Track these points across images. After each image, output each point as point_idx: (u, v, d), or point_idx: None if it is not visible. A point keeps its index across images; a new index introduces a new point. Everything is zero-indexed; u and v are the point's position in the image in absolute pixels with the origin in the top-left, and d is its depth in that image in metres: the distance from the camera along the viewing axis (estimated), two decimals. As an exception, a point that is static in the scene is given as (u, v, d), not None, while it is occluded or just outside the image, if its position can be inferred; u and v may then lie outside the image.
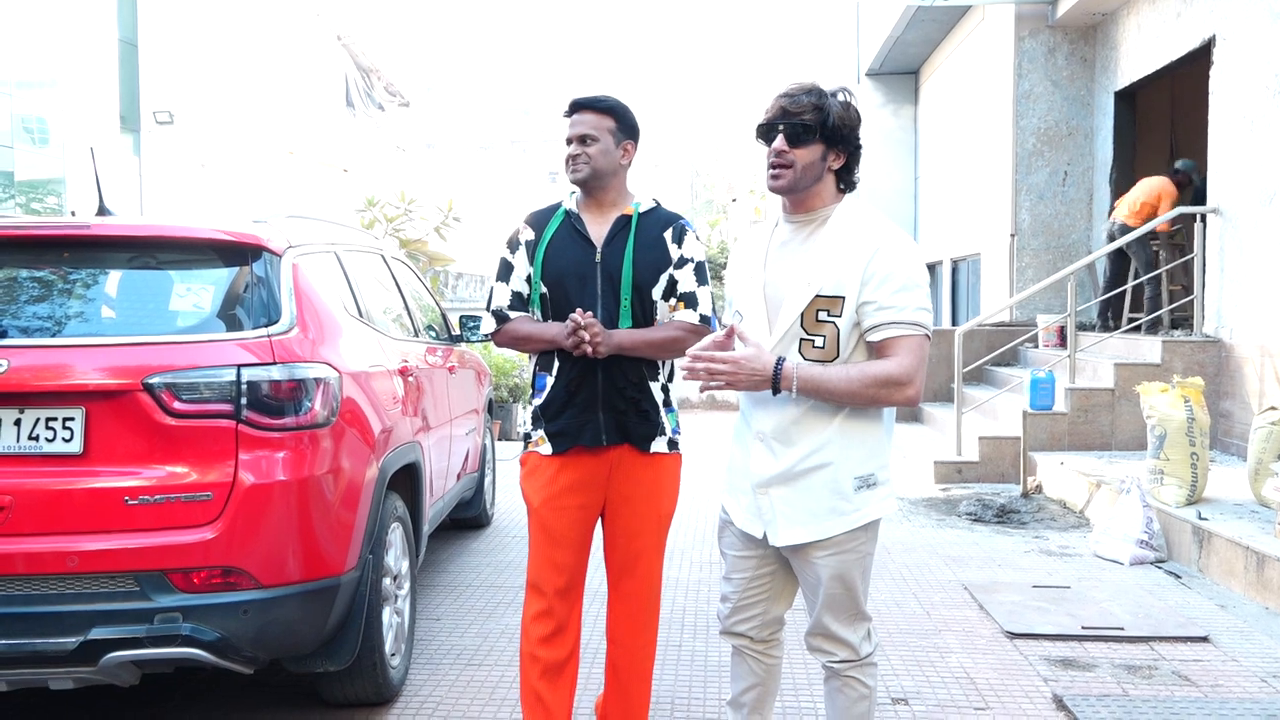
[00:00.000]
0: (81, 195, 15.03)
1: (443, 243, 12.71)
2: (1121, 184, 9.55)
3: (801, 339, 2.17)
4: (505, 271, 2.87)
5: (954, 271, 13.28)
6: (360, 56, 25.31)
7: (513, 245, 2.86)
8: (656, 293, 2.76)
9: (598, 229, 2.79)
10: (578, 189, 2.83)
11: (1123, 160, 9.65)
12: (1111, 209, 8.97)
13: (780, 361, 2.14)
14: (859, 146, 2.23)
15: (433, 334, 4.93)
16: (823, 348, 2.16)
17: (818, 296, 2.15)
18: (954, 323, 12.79)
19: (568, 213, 2.84)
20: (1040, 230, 10.21)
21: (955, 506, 6.56)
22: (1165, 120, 10.62)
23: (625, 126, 2.80)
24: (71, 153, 15.95)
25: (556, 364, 2.77)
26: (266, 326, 2.87)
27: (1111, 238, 8.44)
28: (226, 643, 2.66)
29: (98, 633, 2.57)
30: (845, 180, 2.26)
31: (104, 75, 16.69)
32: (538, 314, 2.83)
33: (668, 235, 2.79)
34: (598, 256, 2.76)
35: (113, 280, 3.02)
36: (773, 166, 2.20)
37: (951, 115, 13.04)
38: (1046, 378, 7.43)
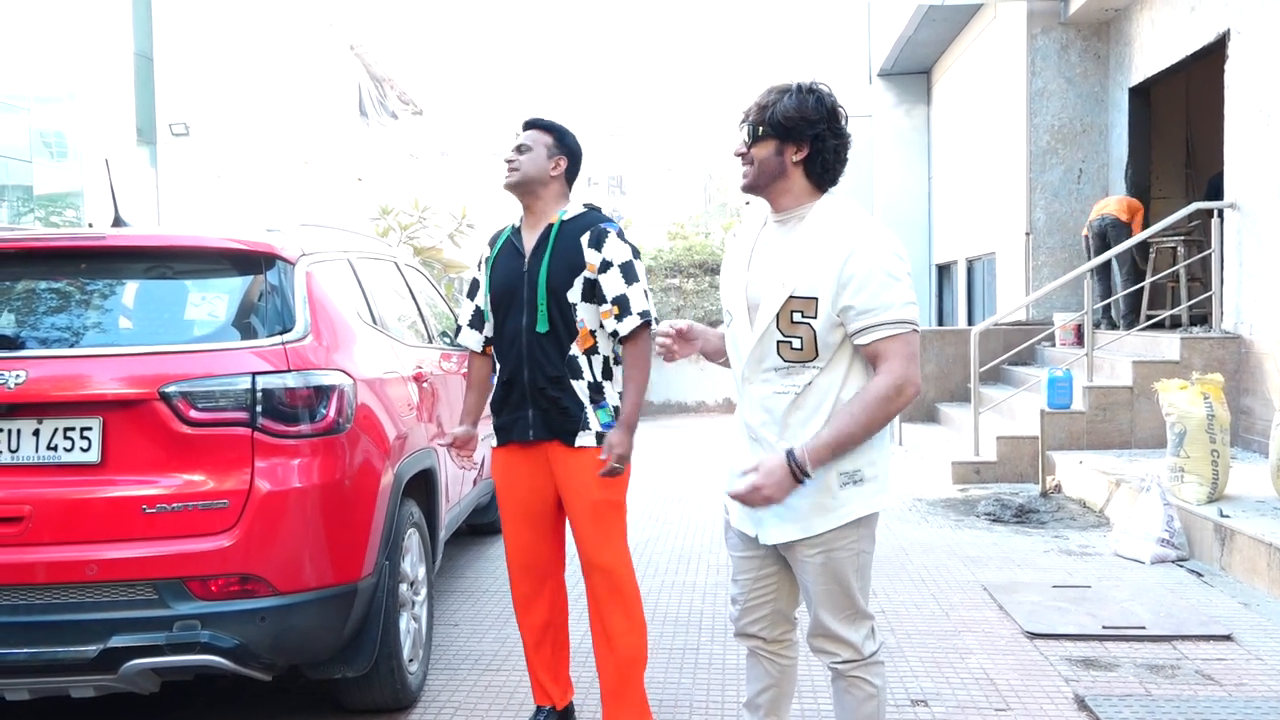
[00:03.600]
0: (99, 208, 15.17)
1: (457, 249, 12.75)
2: (1137, 180, 9.48)
3: (779, 340, 2.17)
4: (473, 289, 3.20)
5: (969, 271, 13.20)
6: (373, 66, 25.43)
7: (479, 264, 3.16)
8: (572, 296, 2.89)
9: (529, 239, 2.98)
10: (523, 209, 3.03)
11: (1138, 157, 9.58)
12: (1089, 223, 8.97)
13: (790, 454, 2.13)
14: (825, 138, 2.19)
15: (447, 340, 4.94)
16: (800, 349, 2.16)
17: (791, 298, 2.14)
18: (970, 322, 12.71)
19: (513, 229, 3.06)
20: (1055, 228, 10.14)
21: (974, 507, 6.52)
22: (1181, 116, 10.53)
23: (561, 144, 3.01)
24: (89, 166, 16.10)
25: (498, 364, 3.04)
26: (281, 334, 2.89)
27: (1103, 235, 8.42)
28: (245, 650, 2.67)
29: (118, 640, 2.59)
30: (818, 176, 2.23)
31: (120, 89, 16.83)
32: (490, 326, 3.07)
33: (584, 239, 2.91)
34: (524, 266, 2.94)
35: (129, 290, 3.05)
36: (741, 168, 2.28)
37: (964, 114, 12.98)
38: (1064, 376, 7.38)
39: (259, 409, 2.75)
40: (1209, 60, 8.15)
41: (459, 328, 3.20)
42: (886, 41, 14.04)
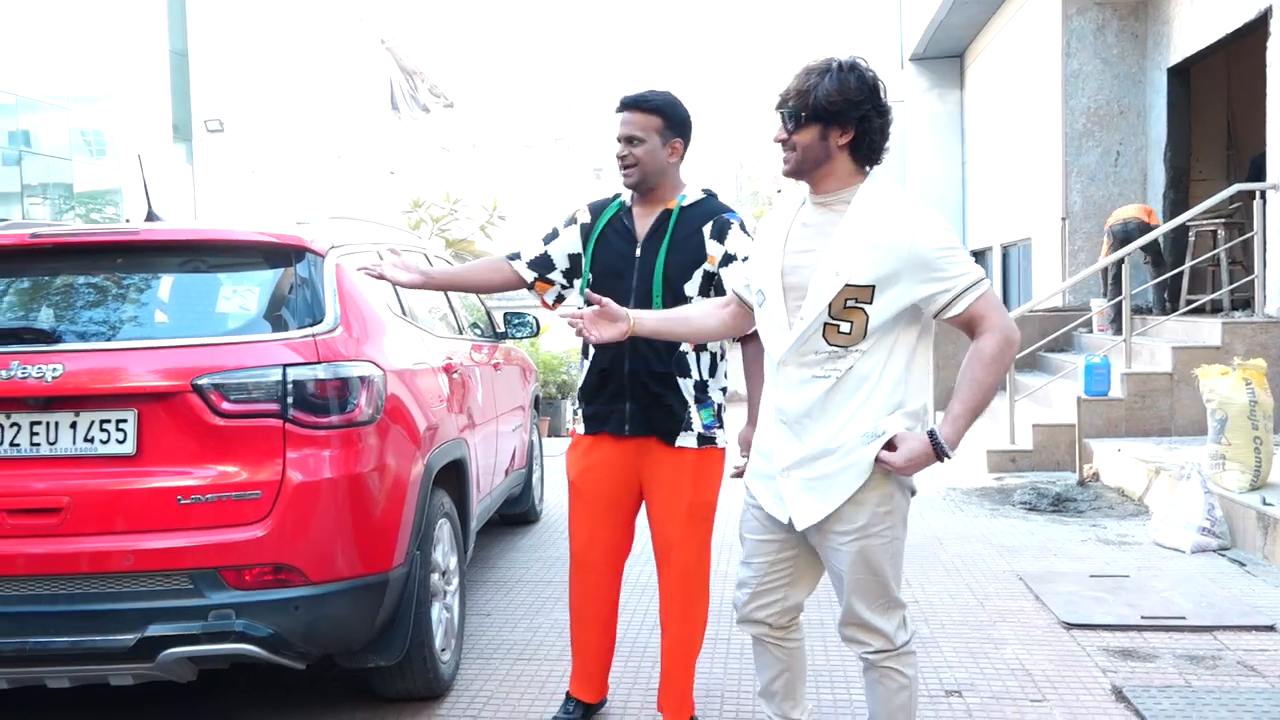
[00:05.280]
0: (137, 204, 15.36)
1: (488, 241, 12.79)
2: (1177, 163, 9.30)
3: (826, 324, 2.16)
4: (549, 236, 3.02)
5: (1004, 257, 13.04)
6: (404, 59, 25.55)
7: (567, 221, 3.00)
8: (690, 289, 2.78)
9: (642, 223, 2.84)
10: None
11: (1177, 138, 9.40)
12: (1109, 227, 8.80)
13: (932, 435, 2.15)
14: (870, 119, 2.16)
15: (477, 331, 4.96)
16: (849, 334, 2.15)
17: (848, 286, 2.12)
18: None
19: (621, 205, 2.92)
20: (1092, 212, 9.98)
21: (1009, 495, 6.45)
22: (1221, 96, 10.30)
23: (673, 124, 2.82)
24: (127, 163, 16.32)
25: (592, 350, 2.88)
26: (311, 326, 2.91)
27: (1127, 240, 8.21)
28: (279, 638, 2.70)
29: (155, 629, 2.63)
30: (864, 156, 2.20)
31: (157, 87, 17.05)
32: (583, 302, 2.88)
33: (707, 230, 2.79)
34: (637, 251, 2.81)
35: (162, 284, 3.08)
36: (782, 152, 2.23)
37: (998, 98, 12.80)
38: (1102, 363, 7.26)
39: (290, 400, 2.76)
40: (1250, 38, 7.96)
41: (515, 255, 3.05)
42: (918, 25, 13.87)
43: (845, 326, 2.14)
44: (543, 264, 3.01)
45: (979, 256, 14.45)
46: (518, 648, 3.85)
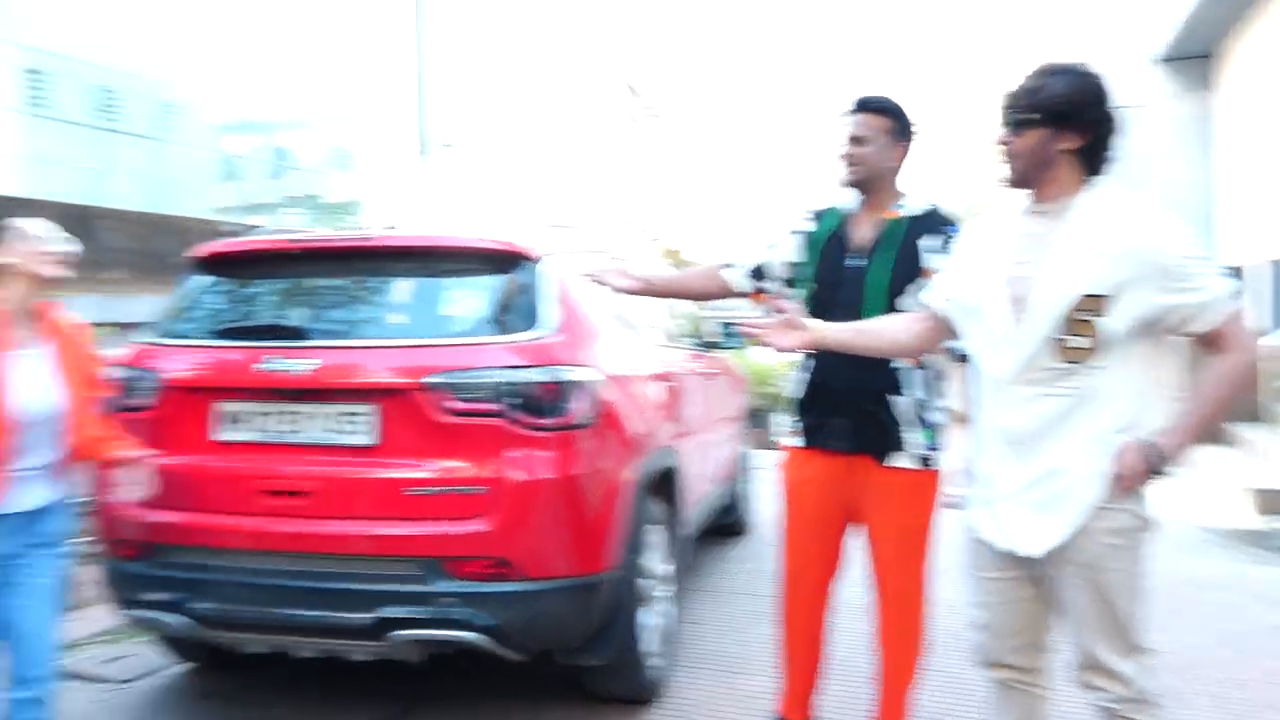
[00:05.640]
0: (378, 214, 16.56)
1: (702, 250, 12.87)
2: None
3: (1058, 340, 2.00)
4: (768, 245, 2.94)
5: (1276, 276, 11.74)
6: (627, 75, 26.23)
7: (787, 229, 2.92)
8: (905, 305, 2.63)
9: (862, 233, 2.73)
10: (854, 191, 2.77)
11: None
12: None
13: (1152, 447, 1.98)
14: (1101, 124, 2.02)
15: (692, 340, 4.95)
16: (1081, 348, 1.99)
17: (1082, 297, 1.96)
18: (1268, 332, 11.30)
19: (842, 215, 2.80)
20: (1380, 225, 8.82)
21: (1274, 540, 5.77)
22: None
23: (901, 128, 2.73)
24: (370, 176, 17.64)
25: (810, 362, 2.78)
26: (532, 330, 2.98)
27: None
28: (498, 630, 2.78)
29: (388, 611, 2.77)
30: (1090, 165, 2.05)
31: (400, 105, 18.33)
32: (806, 310, 2.76)
33: (930, 243, 2.64)
34: (855, 261, 2.70)
35: (398, 287, 3.25)
36: (1004, 161, 2.10)
37: (1260, 100, 11.59)
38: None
39: (511, 401, 2.84)
40: None
41: (732, 263, 2.98)
42: (1166, 25, 12.80)
43: (1077, 341, 1.98)
44: (759, 273, 2.94)
45: (1232, 273, 13.13)
46: (727, 659, 3.79)
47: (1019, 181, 2.10)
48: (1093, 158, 2.05)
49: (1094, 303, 1.96)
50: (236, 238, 3.50)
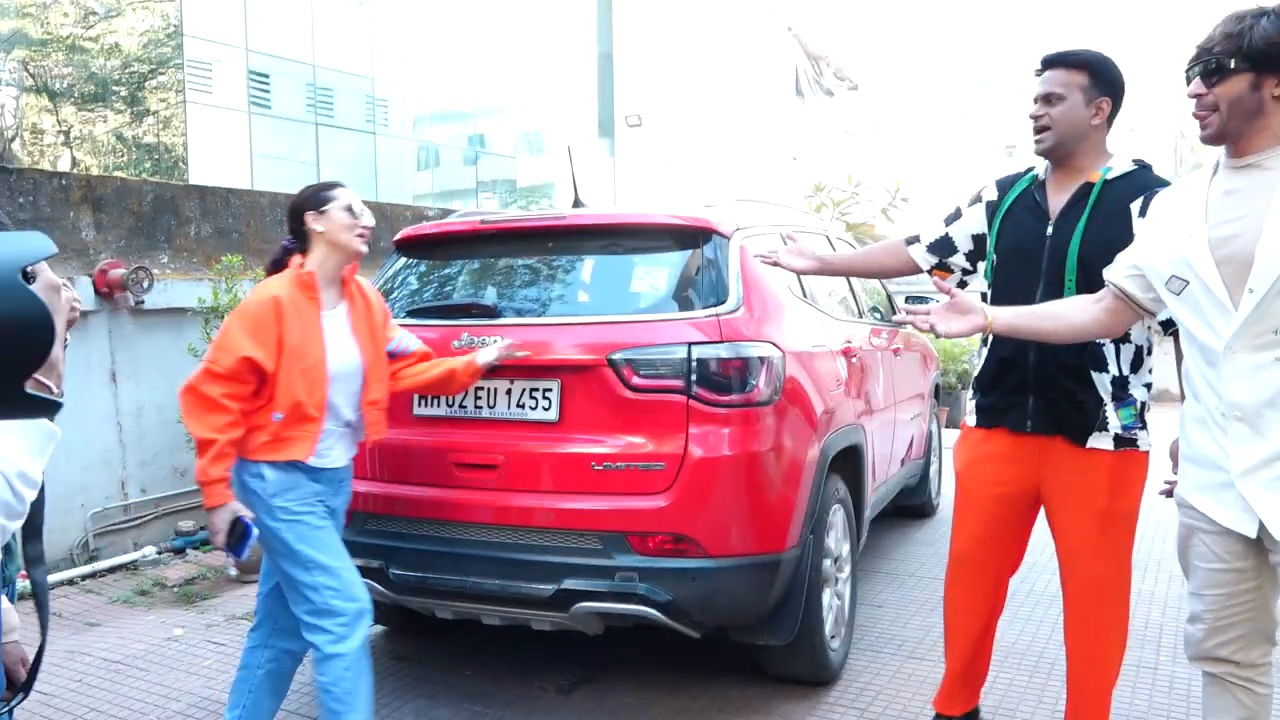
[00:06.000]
0: (567, 195, 16.98)
1: (890, 224, 12.47)
2: None
3: None
4: (951, 217, 2.80)
5: None
6: (809, 44, 25.70)
7: (973, 199, 2.75)
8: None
9: (1057, 198, 2.52)
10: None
11: None
12: None
13: None
14: None
15: (877, 315, 4.82)
16: None
17: None
18: None
19: (1034, 179, 2.61)
20: None
21: None
22: None
23: (1101, 81, 2.46)
24: (560, 159, 18.12)
25: (993, 338, 2.59)
26: (715, 306, 2.98)
27: None
28: (676, 606, 2.81)
29: (569, 583, 2.85)
30: None
31: (586, 87, 18.74)
32: (988, 284, 2.69)
33: (1136, 206, 2.32)
34: (1049, 230, 2.49)
35: (584, 265, 3.33)
36: (1197, 115, 1.92)
37: None
38: None
39: (693, 378, 2.85)
40: None
41: (915, 238, 2.86)
42: None
43: None
44: (943, 247, 2.78)
45: None
46: (909, 644, 3.70)
47: (1220, 135, 1.94)
48: None
49: None
50: (435, 220, 3.68)
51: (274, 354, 2.55)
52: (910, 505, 5.53)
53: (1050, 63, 2.50)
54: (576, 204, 3.87)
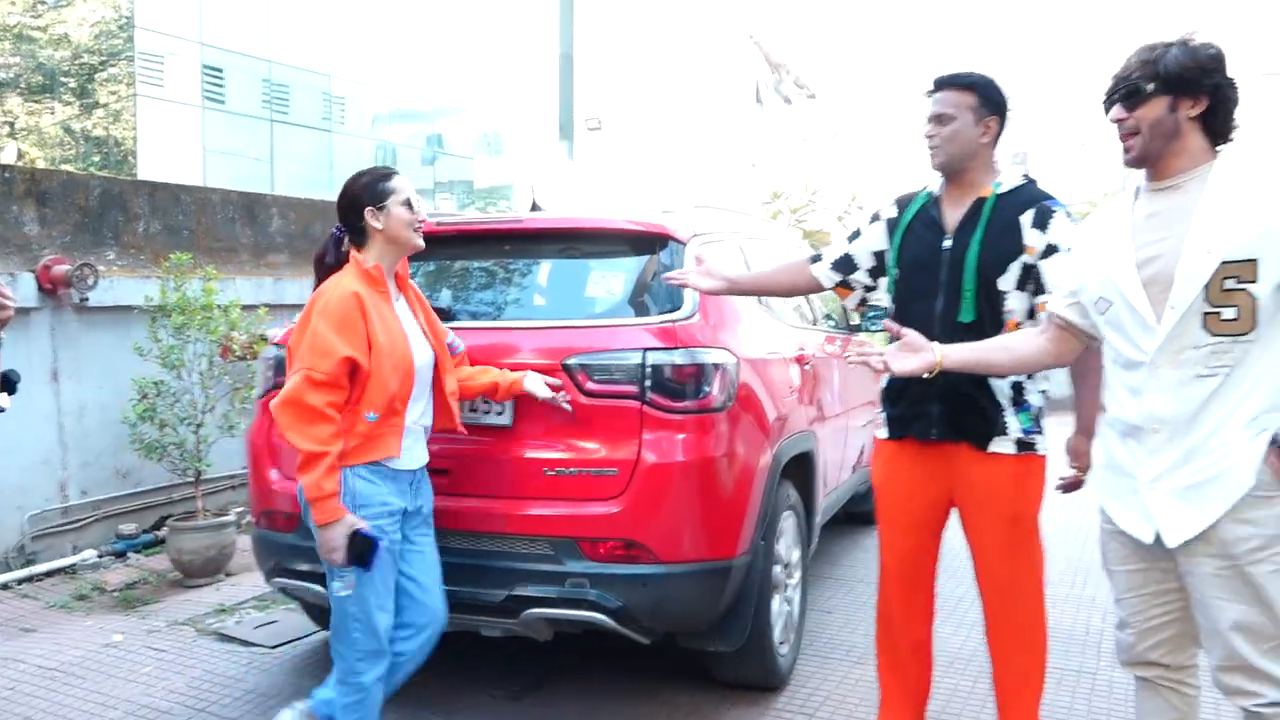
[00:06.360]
0: (525, 197, 16.94)
1: (845, 231, 12.63)
2: None
3: (1206, 313, 1.89)
4: (853, 235, 2.88)
5: None
6: (770, 53, 25.90)
7: (873, 218, 2.84)
8: (1005, 283, 2.51)
9: (953, 213, 2.61)
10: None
11: None
12: None
13: (1274, 441, 1.88)
14: (1223, 88, 1.94)
15: (831, 323, 4.87)
16: (1235, 319, 1.87)
17: (1225, 263, 1.86)
18: None
19: (930, 195, 2.70)
20: None
21: None
22: None
23: (989, 101, 2.58)
24: (519, 161, 18.08)
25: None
26: (671, 312, 2.99)
27: None
28: (626, 612, 2.81)
29: (520, 589, 2.84)
30: (1216, 131, 1.96)
31: (547, 89, 18.72)
32: (890, 299, 2.76)
33: (1026, 219, 2.50)
34: (946, 243, 2.59)
35: (540, 268, 3.32)
36: (1121, 139, 2.01)
37: None
38: None
39: (648, 383, 2.86)
40: None
41: (818, 257, 2.92)
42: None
43: (1229, 312, 1.88)
44: (845, 265, 2.84)
45: None
46: (857, 650, 3.73)
47: (1142, 157, 2.02)
48: (1219, 124, 1.98)
49: (1240, 269, 1.86)
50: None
51: (366, 351, 2.47)
52: (861, 511, 5.57)
53: (941, 84, 2.60)
54: (534, 208, 3.86)
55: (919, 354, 2.31)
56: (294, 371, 2.45)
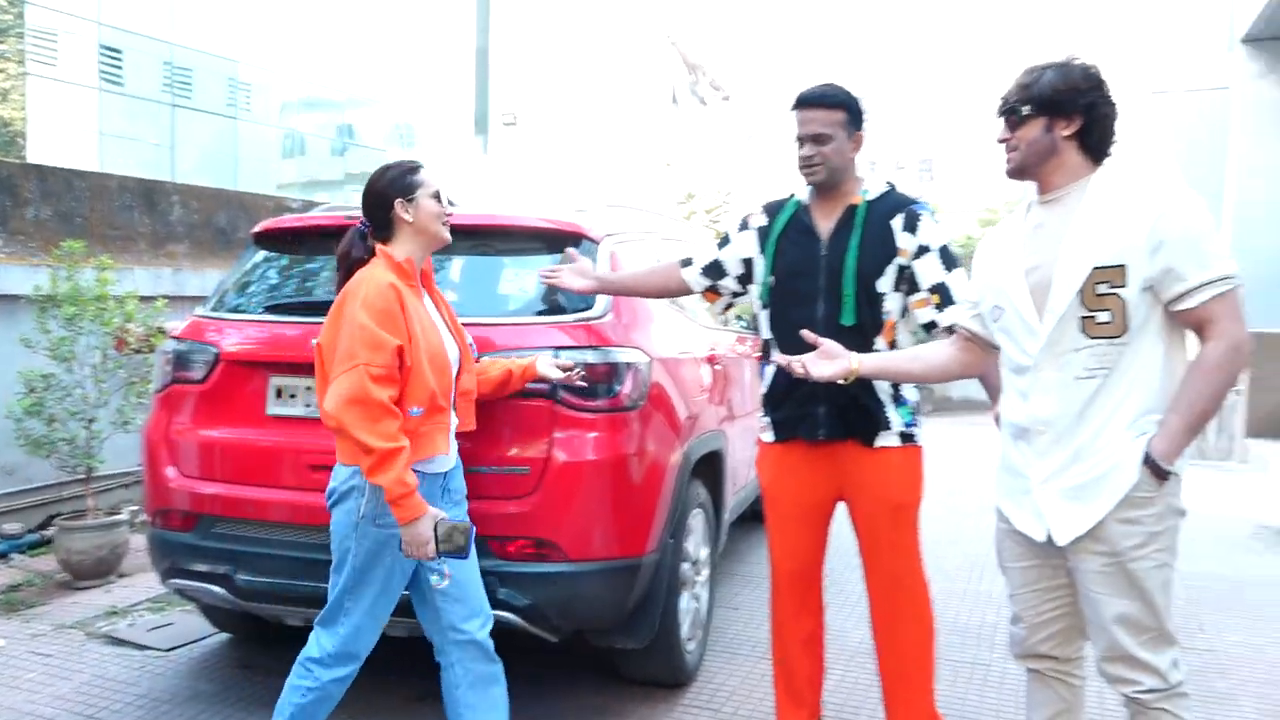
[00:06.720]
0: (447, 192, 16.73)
1: (719, 230, 12.81)
2: None
3: (1083, 317, 2.01)
4: (722, 242, 2.93)
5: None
6: (688, 54, 26.09)
7: (741, 225, 2.90)
8: (882, 285, 2.64)
9: (825, 221, 2.72)
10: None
11: None
12: None
13: (1147, 457, 1.99)
14: (1097, 107, 2.06)
15: (742, 323, 4.94)
16: (1110, 322, 2.00)
17: (1096, 269, 1.99)
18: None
19: (799, 204, 2.79)
20: None
21: (1337, 541, 5.59)
22: None
23: (855, 117, 2.70)
24: (432, 154, 17.83)
25: (778, 355, 2.74)
26: (583, 311, 2.99)
27: None
28: (535, 610, 2.81)
29: (427, 588, 2.80)
30: (1093, 148, 2.09)
31: (464, 82, 18.49)
32: (762, 305, 2.82)
33: (896, 223, 2.66)
34: (823, 250, 2.69)
35: (453, 265, 3.27)
36: (1006, 155, 2.15)
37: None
38: None
39: (558, 383, 2.85)
40: None
41: (689, 260, 2.96)
42: (1253, 3, 12.33)
43: (1104, 316, 2.00)
44: (714, 271, 2.91)
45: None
46: (762, 646, 3.80)
47: (1020, 172, 2.15)
48: (1094, 142, 2.09)
49: (1110, 274, 1.98)
50: (297, 213, 3.56)
51: (407, 343, 2.42)
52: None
53: (814, 103, 2.67)
54: (449, 203, 3.81)
55: (836, 361, 2.40)
56: (344, 369, 2.37)
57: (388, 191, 2.58)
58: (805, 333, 2.49)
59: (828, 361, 2.41)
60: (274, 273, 3.42)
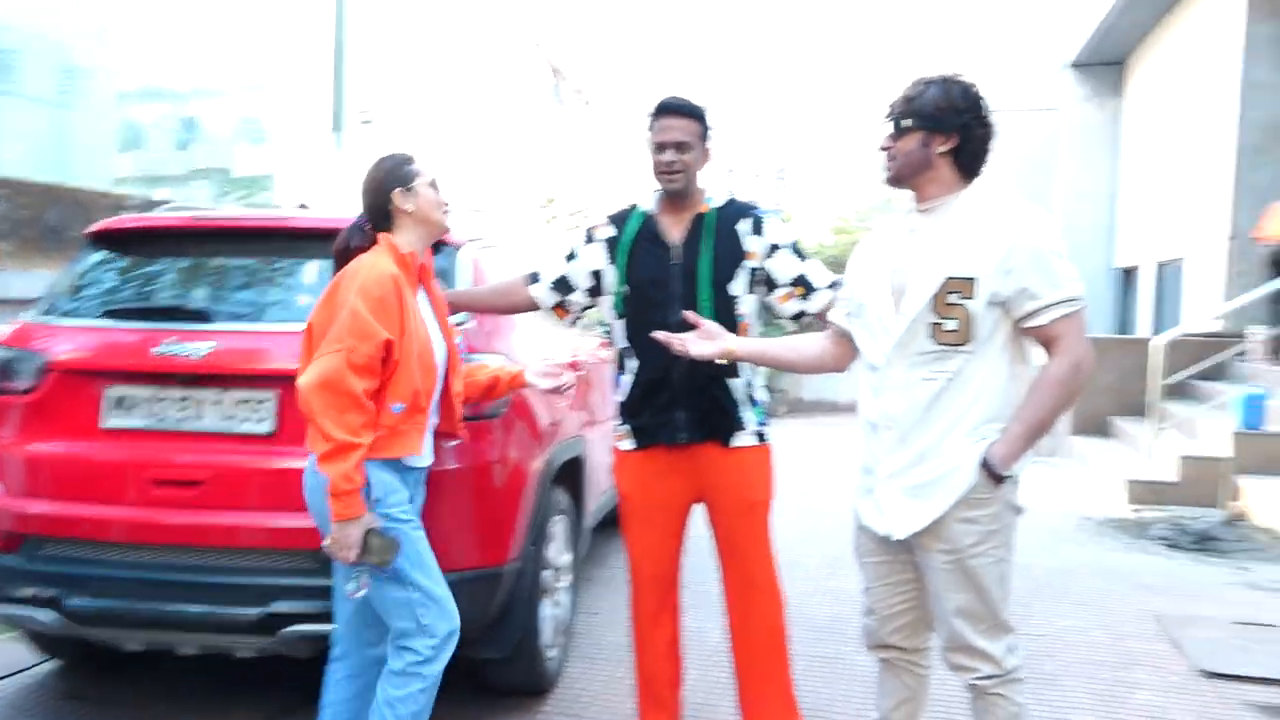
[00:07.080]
0: (291, 190, 16.15)
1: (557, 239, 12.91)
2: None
3: (931, 323, 2.13)
4: (570, 255, 2.94)
5: (1160, 277, 12.32)
6: (552, 58, 26.05)
7: (587, 238, 2.93)
8: (735, 288, 2.76)
9: (675, 230, 2.80)
10: (659, 190, 2.82)
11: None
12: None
13: (985, 464, 2.12)
14: (972, 128, 2.17)
15: (604, 329, 4.97)
16: (956, 330, 2.12)
17: (949, 279, 2.11)
18: (1155, 331, 11.87)
19: (645, 214, 2.85)
20: (1261, 233, 9.32)
21: (1147, 529, 6.08)
22: None
23: (708, 128, 2.81)
24: (283, 150, 17.18)
25: (635, 363, 2.82)
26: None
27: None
28: (394, 623, 2.75)
29: (278, 606, 2.72)
30: (965, 166, 2.20)
31: (318, 78, 17.90)
32: (616, 315, 2.87)
33: (743, 227, 2.77)
34: (675, 258, 2.77)
35: (306, 269, 3.18)
36: (885, 163, 2.24)
37: (1162, 107, 12.10)
38: (1262, 395, 6.77)
39: (419, 389, 2.81)
40: None
41: (535, 276, 2.96)
42: (1082, 30, 13.26)
43: (951, 324, 2.12)
44: (563, 286, 2.93)
45: (1127, 274, 13.72)
46: (623, 650, 3.82)
47: (896, 180, 2.25)
48: (967, 160, 2.19)
49: (960, 285, 2.10)
50: (139, 213, 3.38)
51: (399, 336, 2.32)
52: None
53: (678, 112, 2.76)
54: (301, 205, 3.71)
55: (715, 341, 2.51)
56: (328, 351, 2.30)
57: (385, 183, 2.54)
58: (658, 334, 2.55)
59: (708, 341, 2.51)
60: (112, 275, 3.24)
